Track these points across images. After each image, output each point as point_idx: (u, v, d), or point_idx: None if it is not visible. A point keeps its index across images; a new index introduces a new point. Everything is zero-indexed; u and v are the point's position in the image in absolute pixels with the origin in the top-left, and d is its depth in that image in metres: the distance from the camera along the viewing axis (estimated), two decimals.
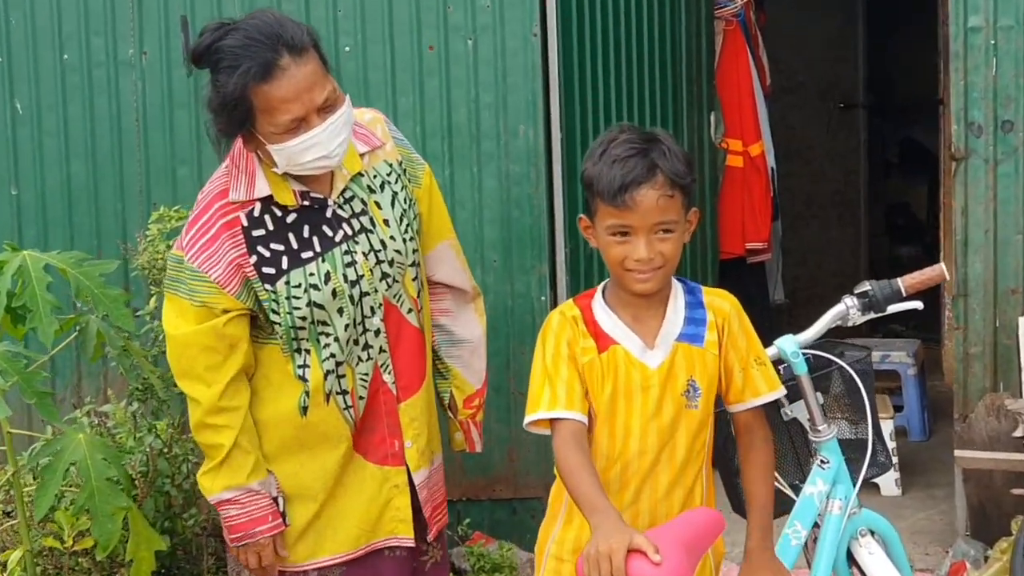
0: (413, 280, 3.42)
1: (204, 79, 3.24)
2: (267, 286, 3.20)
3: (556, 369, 2.87)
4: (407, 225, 3.37)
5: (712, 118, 5.99)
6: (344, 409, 3.34)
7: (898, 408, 6.25)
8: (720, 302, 2.99)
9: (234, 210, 3.23)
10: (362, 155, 3.38)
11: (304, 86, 3.06)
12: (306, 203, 3.26)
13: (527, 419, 2.88)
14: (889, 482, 5.63)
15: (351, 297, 3.27)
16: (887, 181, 9.71)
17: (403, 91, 4.98)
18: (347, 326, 3.28)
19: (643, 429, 2.91)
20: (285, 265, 3.21)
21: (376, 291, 3.30)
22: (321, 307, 3.25)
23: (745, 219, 6.43)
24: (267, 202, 3.24)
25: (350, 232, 3.27)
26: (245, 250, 3.20)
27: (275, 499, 3.33)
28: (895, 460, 5.63)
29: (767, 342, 3.31)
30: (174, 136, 5.09)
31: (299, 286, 3.21)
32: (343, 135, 3.18)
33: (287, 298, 3.22)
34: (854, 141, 8.84)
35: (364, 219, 3.30)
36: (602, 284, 3.00)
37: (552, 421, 2.83)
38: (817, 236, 8.68)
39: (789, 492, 3.52)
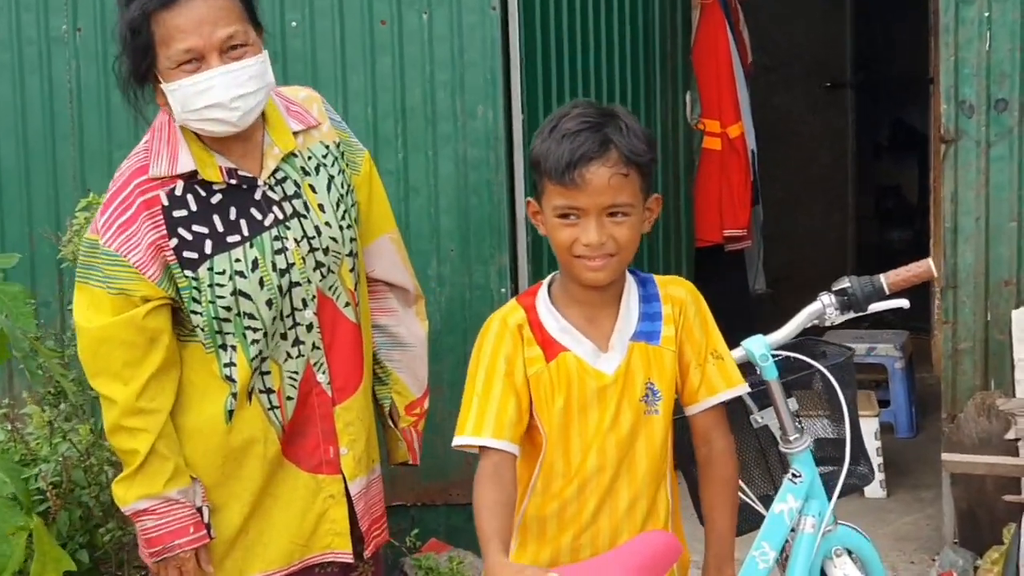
0: (350, 271, 3.19)
1: None
2: (188, 272, 3.00)
3: (488, 388, 2.67)
4: (344, 212, 3.17)
5: (688, 97, 5.82)
6: (269, 409, 3.11)
7: (884, 403, 6.06)
8: (675, 289, 2.78)
9: (154, 187, 3.02)
10: (296, 134, 3.17)
11: (207, 18, 2.92)
12: (233, 182, 3.05)
13: (454, 441, 2.68)
14: (873, 483, 5.35)
15: (279, 287, 3.05)
16: (877, 163, 9.58)
17: (353, 69, 4.75)
18: (274, 319, 3.06)
19: (601, 443, 2.70)
20: (208, 249, 3.01)
21: (309, 282, 3.09)
22: (247, 297, 3.02)
23: (723, 204, 6.27)
24: (191, 180, 3.04)
25: (281, 216, 3.06)
26: (165, 232, 2.99)
27: (199, 509, 3.09)
28: (879, 461, 5.41)
29: (748, 334, 3.13)
30: (110, 118, 4.83)
31: (223, 273, 3.01)
32: (247, 90, 2.97)
33: (210, 286, 3.00)
34: (842, 122, 8.69)
35: (297, 203, 3.09)
36: (548, 278, 2.77)
37: (480, 447, 2.63)
38: (802, 222, 8.51)
39: (758, 506, 3.30)
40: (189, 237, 3.00)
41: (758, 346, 3.16)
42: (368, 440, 3.28)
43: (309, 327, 3.12)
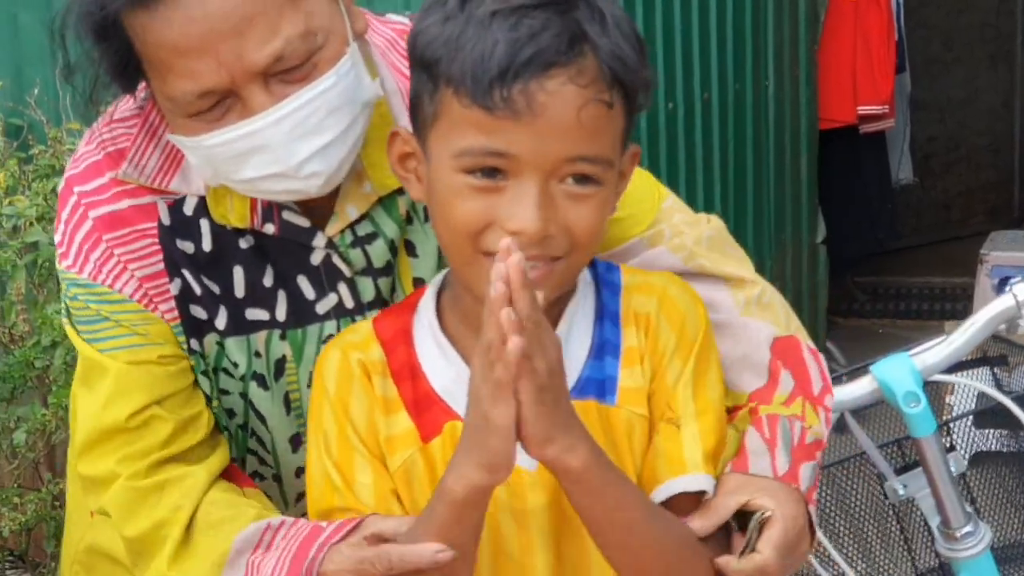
0: None
1: None
2: (191, 340, 1.83)
3: (347, 455, 1.58)
4: None
5: None
6: None
7: None
8: (644, 300, 1.60)
9: (140, 193, 1.79)
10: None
11: (220, 20, 1.58)
12: (271, 230, 1.79)
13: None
14: None
15: None
16: None
17: None
18: (301, 471, 1.85)
19: None
20: (221, 323, 1.83)
21: None
22: (262, 420, 1.87)
23: (858, 74, 5.52)
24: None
25: (352, 303, 1.83)
26: (163, 266, 1.80)
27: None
28: None
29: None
30: None
31: (235, 366, 1.85)
32: (326, 139, 1.65)
33: (215, 370, 1.85)
34: None
35: (384, 282, 1.84)
36: (437, 279, 1.65)
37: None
38: (959, 85, 7.49)
39: None
40: (197, 289, 1.82)
41: (902, 376, 1.94)
42: None
43: None
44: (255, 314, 1.83)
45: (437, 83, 1.44)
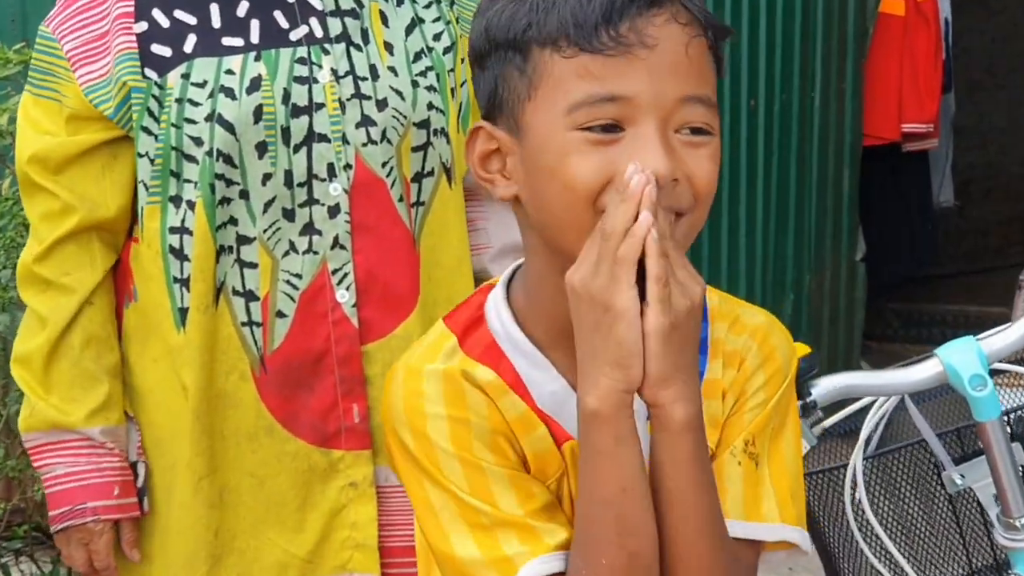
0: (415, 151, 2.17)
1: None
2: (150, 73, 2.12)
3: (481, 482, 1.42)
4: (426, 70, 2.21)
5: None
6: (244, 324, 2.12)
7: None
8: (744, 342, 1.50)
9: None
10: None
11: None
12: None
13: None
14: None
15: (285, 130, 2.09)
16: None
17: None
18: (268, 177, 2.10)
19: None
20: (189, 47, 2.14)
21: (345, 141, 2.12)
22: (230, 129, 2.09)
23: (904, 90, 5.41)
24: None
25: (321, 33, 2.16)
26: (132, 8, 2.15)
27: (133, 465, 2.19)
28: None
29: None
30: None
31: (202, 85, 2.12)
32: None
33: (178, 100, 2.11)
34: None
35: (352, 24, 2.18)
36: (503, 279, 1.52)
37: None
38: (1001, 113, 7.44)
39: None
40: (165, 24, 2.13)
41: (968, 359, 1.90)
42: None
43: (334, 211, 2.12)
44: (230, 41, 2.10)
45: (528, 51, 1.39)
